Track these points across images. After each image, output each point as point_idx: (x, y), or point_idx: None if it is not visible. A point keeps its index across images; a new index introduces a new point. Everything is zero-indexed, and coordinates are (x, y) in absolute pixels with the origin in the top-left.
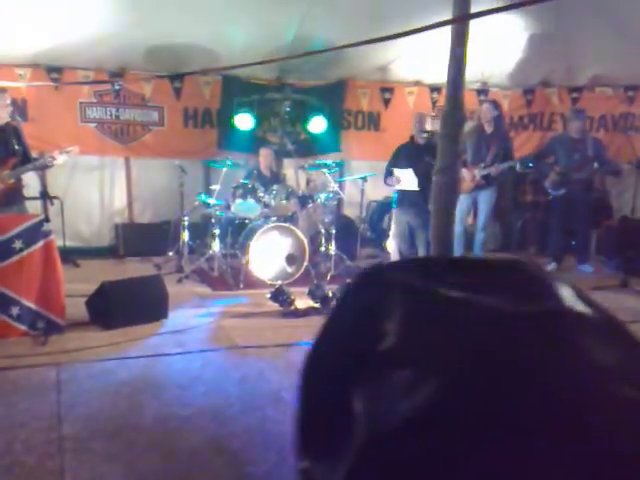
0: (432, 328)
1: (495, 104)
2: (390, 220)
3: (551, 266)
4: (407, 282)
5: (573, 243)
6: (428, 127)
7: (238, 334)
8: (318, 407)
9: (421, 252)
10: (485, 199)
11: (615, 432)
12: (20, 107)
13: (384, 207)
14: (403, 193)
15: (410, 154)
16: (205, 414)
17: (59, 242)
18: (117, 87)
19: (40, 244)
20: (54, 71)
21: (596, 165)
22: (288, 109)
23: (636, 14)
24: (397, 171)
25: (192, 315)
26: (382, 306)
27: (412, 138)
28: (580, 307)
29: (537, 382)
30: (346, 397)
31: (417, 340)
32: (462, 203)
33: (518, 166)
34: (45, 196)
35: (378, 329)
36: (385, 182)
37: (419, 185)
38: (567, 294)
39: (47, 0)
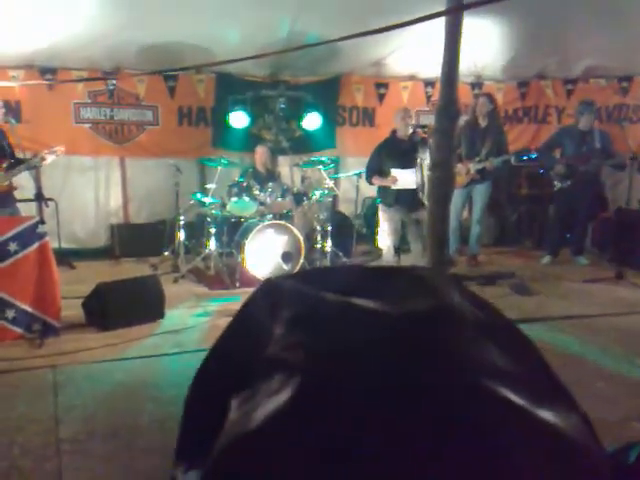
0: (308, 330)
1: (490, 98)
2: None
3: (546, 259)
4: (297, 288)
5: (568, 236)
6: (412, 121)
7: None
8: (200, 419)
9: (416, 247)
10: (480, 193)
11: (485, 430)
12: (14, 109)
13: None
14: (399, 192)
15: (397, 152)
16: None
17: (54, 244)
18: (111, 87)
19: (35, 246)
20: (48, 72)
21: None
22: (283, 106)
23: (629, 5)
24: (395, 171)
25: (189, 315)
26: (274, 311)
27: (394, 134)
28: (463, 307)
29: (401, 379)
30: (226, 406)
31: (294, 342)
32: (457, 197)
33: (513, 160)
34: (40, 198)
35: (270, 333)
36: (370, 182)
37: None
38: (452, 296)
39: (39, 1)
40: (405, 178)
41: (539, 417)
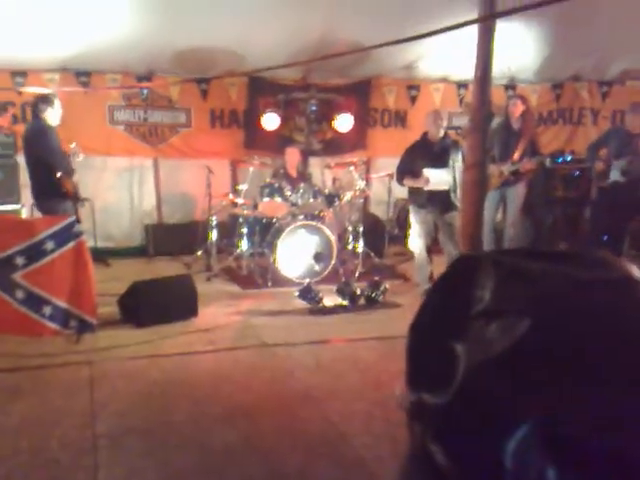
0: (519, 289)
1: (523, 99)
2: None
3: None
4: (496, 259)
5: (605, 238)
6: (444, 123)
7: (267, 332)
8: (424, 356)
9: (448, 250)
10: (514, 195)
11: None
12: None
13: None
14: (431, 193)
15: (430, 154)
16: (235, 413)
17: (90, 243)
18: (144, 89)
19: (71, 245)
20: (83, 75)
21: None
22: (314, 108)
23: None
24: (427, 171)
25: (221, 314)
26: (476, 278)
27: (425, 137)
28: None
29: (608, 321)
30: (449, 347)
31: (508, 297)
32: (490, 200)
33: (548, 161)
34: (76, 197)
35: (472, 296)
36: (401, 183)
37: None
38: (631, 269)
39: (74, 6)
40: (438, 178)
41: None
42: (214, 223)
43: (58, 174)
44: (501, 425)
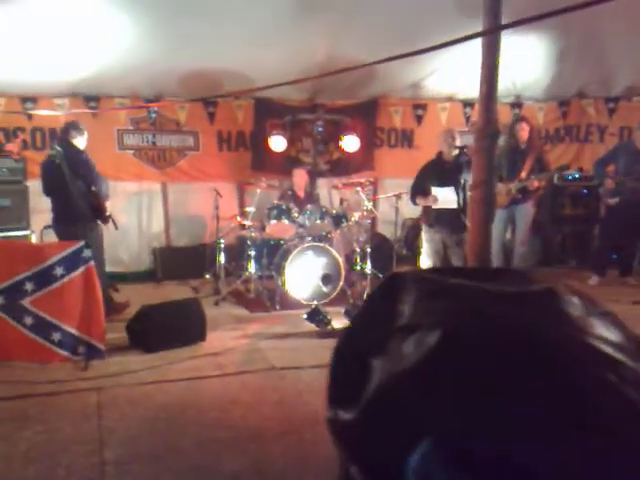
0: (435, 303)
1: (527, 121)
2: None
3: (593, 280)
4: (420, 276)
5: (614, 256)
6: (458, 142)
7: (275, 356)
8: (345, 372)
9: None
10: (522, 214)
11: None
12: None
13: (419, 225)
14: (439, 212)
15: (441, 172)
16: (244, 437)
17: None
18: (153, 114)
19: (81, 270)
20: (92, 100)
21: None
22: (320, 129)
23: None
24: (435, 190)
25: (229, 337)
26: (400, 295)
27: (440, 156)
28: (569, 293)
29: (521, 334)
30: (368, 363)
31: (425, 311)
32: (499, 218)
33: (556, 178)
34: (106, 218)
35: (395, 312)
36: (414, 202)
37: (457, 202)
38: (557, 284)
39: (82, 31)
40: (445, 196)
41: None
42: (222, 246)
43: (93, 188)
44: (406, 440)
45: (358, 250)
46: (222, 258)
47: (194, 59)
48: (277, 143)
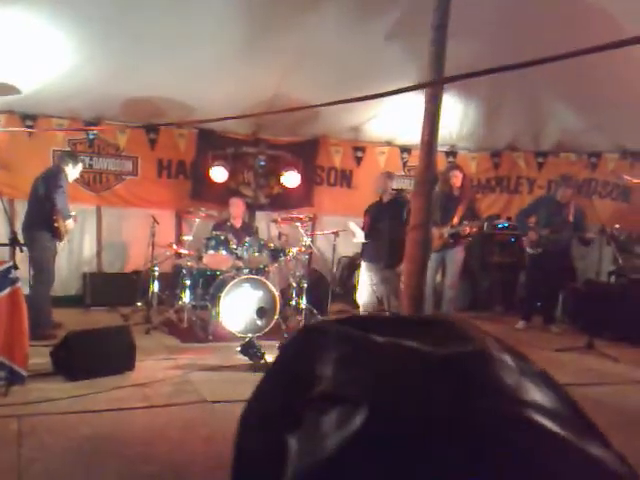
0: (360, 369)
1: (460, 169)
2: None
3: (520, 324)
4: (341, 331)
5: (539, 304)
6: (394, 185)
7: (207, 388)
8: (255, 451)
9: (388, 305)
10: (453, 258)
11: (533, 458)
12: None
13: (354, 263)
14: (364, 246)
15: (377, 212)
16: (169, 473)
17: (25, 290)
18: (92, 136)
19: (7, 292)
20: (28, 118)
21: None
22: (262, 163)
23: (596, 88)
24: (351, 225)
25: (159, 367)
26: (317, 353)
27: (380, 197)
28: (500, 352)
29: (456, 406)
30: (282, 441)
31: (348, 379)
32: (431, 262)
33: (485, 225)
34: (14, 243)
35: (313, 374)
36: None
37: (384, 243)
38: (488, 341)
39: (24, 48)
40: (355, 230)
41: (585, 449)
42: (156, 274)
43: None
44: None
45: (294, 285)
46: (155, 286)
47: (139, 86)
48: (218, 174)
